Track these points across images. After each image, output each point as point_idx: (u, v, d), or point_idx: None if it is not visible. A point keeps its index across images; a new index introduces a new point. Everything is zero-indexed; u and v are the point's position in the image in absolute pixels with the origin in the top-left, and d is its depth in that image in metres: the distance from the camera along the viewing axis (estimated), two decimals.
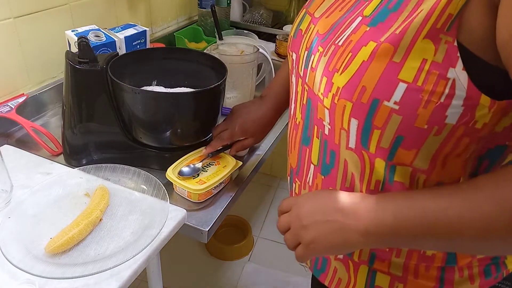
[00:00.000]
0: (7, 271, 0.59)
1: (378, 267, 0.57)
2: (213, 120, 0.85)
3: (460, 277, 0.55)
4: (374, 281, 0.58)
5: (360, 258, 0.58)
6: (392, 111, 0.44)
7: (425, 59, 0.41)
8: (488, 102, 0.41)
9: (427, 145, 0.45)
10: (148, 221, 0.69)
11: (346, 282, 0.61)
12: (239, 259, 1.73)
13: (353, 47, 0.46)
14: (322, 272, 0.65)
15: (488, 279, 0.57)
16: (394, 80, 0.43)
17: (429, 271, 0.55)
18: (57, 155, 0.87)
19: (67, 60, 0.76)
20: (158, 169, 0.84)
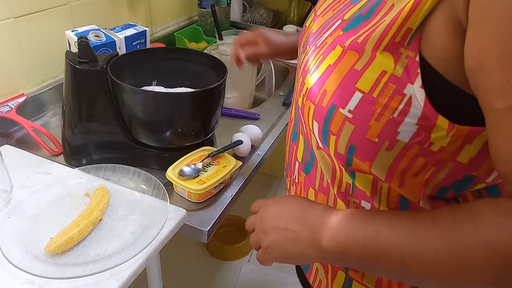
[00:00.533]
0: (7, 271, 0.59)
1: (353, 276, 0.55)
2: (213, 120, 0.85)
3: None
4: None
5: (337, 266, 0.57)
6: (346, 118, 0.43)
7: (385, 71, 0.40)
8: (446, 125, 0.39)
9: (380, 159, 0.44)
10: (148, 221, 0.69)
11: (325, 285, 0.61)
12: (239, 259, 1.72)
13: (325, 50, 0.46)
14: (307, 270, 0.65)
15: None
16: (352, 88, 0.42)
17: (403, 286, 0.52)
18: (57, 155, 0.87)
19: (67, 60, 0.76)
20: (158, 169, 0.84)
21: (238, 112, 1.08)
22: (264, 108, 1.13)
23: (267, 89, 1.23)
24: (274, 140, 0.99)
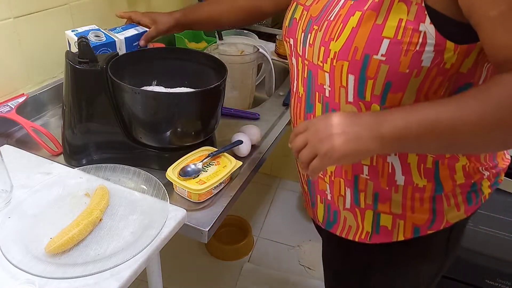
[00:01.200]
0: (7, 271, 0.59)
1: (382, 209, 0.68)
2: (213, 120, 0.85)
3: (448, 206, 0.67)
4: (379, 222, 0.69)
5: (366, 203, 0.68)
6: (380, 62, 0.55)
7: (401, 18, 0.53)
8: (453, 46, 0.53)
9: (410, 87, 0.57)
10: (148, 221, 0.69)
11: (355, 228, 0.72)
12: (239, 259, 1.72)
13: (343, 18, 0.58)
14: (334, 223, 0.75)
15: (470, 205, 0.68)
16: (379, 38, 0.55)
17: (423, 205, 0.66)
18: (57, 155, 0.87)
19: (67, 60, 0.76)
20: (158, 169, 0.84)
21: (238, 112, 1.08)
22: (264, 108, 1.13)
23: (267, 89, 1.23)
24: (274, 140, 0.99)
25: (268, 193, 2.12)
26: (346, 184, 0.69)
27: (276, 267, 1.70)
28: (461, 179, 0.66)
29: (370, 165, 0.65)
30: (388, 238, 0.70)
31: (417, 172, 0.64)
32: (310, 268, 1.70)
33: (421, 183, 0.65)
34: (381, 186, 0.66)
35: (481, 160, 0.66)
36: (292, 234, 1.86)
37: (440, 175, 0.64)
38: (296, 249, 1.79)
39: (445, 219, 0.68)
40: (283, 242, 1.83)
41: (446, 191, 0.66)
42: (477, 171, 0.67)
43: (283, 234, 1.86)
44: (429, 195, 0.66)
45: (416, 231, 0.68)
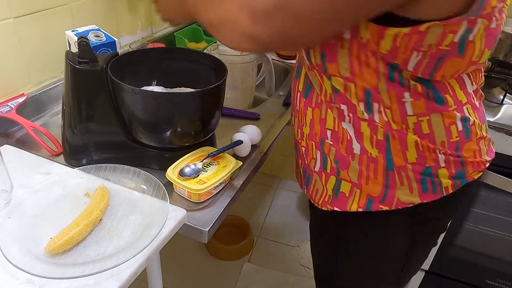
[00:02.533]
0: (7, 271, 0.59)
1: (343, 176, 0.72)
2: (213, 120, 0.85)
3: (400, 184, 0.69)
4: (340, 188, 0.74)
5: (331, 167, 0.73)
6: None
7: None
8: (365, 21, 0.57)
9: (341, 57, 0.63)
10: (148, 221, 0.69)
11: (321, 191, 0.78)
12: (239, 259, 1.73)
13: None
14: (307, 186, 0.83)
15: (426, 192, 0.69)
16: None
17: (377, 177, 0.69)
18: (57, 155, 0.87)
19: (67, 60, 0.76)
20: (158, 169, 0.84)
21: (238, 112, 1.08)
22: (264, 108, 1.13)
23: (267, 89, 1.23)
24: (274, 140, 0.99)
25: (268, 193, 2.12)
26: (317, 147, 0.75)
27: (276, 267, 1.70)
28: (413, 158, 0.66)
29: (333, 130, 0.70)
30: (343, 204, 0.74)
31: (369, 142, 0.67)
32: (310, 268, 1.71)
33: (374, 153, 0.67)
34: (341, 153, 0.70)
35: (436, 141, 0.65)
36: (292, 234, 1.86)
37: (392, 149, 0.66)
38: (296, 249, 1.80)
39: (396, 197, 0.69)
40: (283, 242, 1.83)
41: (396, 166, 0.67)
42: (432, 152, 0.66)
43: (283, 234, 1.86)
44: (382, 168, 0.68)
45: (369, 202, 0.71)
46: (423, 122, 0.64)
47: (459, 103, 0.64)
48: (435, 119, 0.64)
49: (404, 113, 0.64)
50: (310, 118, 0.74)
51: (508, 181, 1.16)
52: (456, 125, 0.65)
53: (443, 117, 0.64)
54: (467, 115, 0.66)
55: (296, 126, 0.80)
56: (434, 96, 0.62)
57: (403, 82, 0.61)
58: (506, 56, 1.37)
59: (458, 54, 0.58)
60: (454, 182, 0.69)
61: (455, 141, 0.66)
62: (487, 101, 1.10)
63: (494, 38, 0.60)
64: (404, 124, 0.64)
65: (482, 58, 0.61)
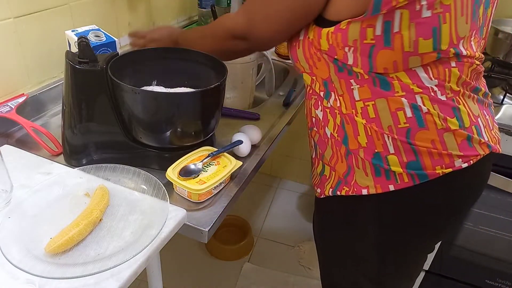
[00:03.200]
0: (7, 271, 0.59)
1: (325, 161, 0.81)
2: (213, 120, 0.85)
3: (357, 167, 0.74)
4: (324, 171, 0.83)
5: (318, 153, 0.83)
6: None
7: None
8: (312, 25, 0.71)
9: (300, 56, 0.75)
10: (148, 221, 0.69)
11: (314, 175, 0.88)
12: (239, 259, 1.73)
13: None
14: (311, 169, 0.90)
15: (379, 177, 0.71)
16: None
17: (342, 160, 0.76)
18: (57, 155, 0.87)
19: (67, 60, 0.76)
20: (158, 169, 0.84)
21: (238, 112, 1.08)
22: (264, 108, 1.13)
23: (267, 89, 1.23)
24: (274, 140, 0.99)
25: (268, 193, 2.12)
26: (309, 135, 0.85)
27: (276, 267, 1.70)
28: (363, 142, 0.71)
29: (315, 117, 0.79)
30: (323, 186, 0.83)
31: (332, 127, 0.75)
32: (310, 268, 1.71)
33: (336, 136, 0.74)
34: (321, 138, 0.79)
35: (383, 126, 0.68)
36: (292, 234, 1.86)
37: (347, 133, 0.72)
38: (296, 249, 1.80)
39: (354, 179, 0.75)
40: (283, 242, 1.83)
41: (351, 149, 0.73)
42: (380, 137, 0.69)
43: (283, 234, 1.86)
44: (344, 150, 0.74)
45: (338, 183, 0.78)
46: (369, 106, 0.68)
47: (409, 90, 0.66)
48: (380, 104, 0.67)
49: (353, 99, 0.69)
50: (305, 110, 0.85)
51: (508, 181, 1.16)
52: (404, 111, 0.66)
53: (388, 102, 0.67)
54: (419, 104, 0.66)
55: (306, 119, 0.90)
56: (380, 82, 0.66)
57: (351, 71, 0.68)
58: (506, 56, 1.37)
59: (384, 45, 0.63)
60: (409, 173, 0.69)
61: (404, 127, 0.67)
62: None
63: (430, 26, 0.61)
64: (354, 109, 0.70)
65: (420, 48, 0.62)
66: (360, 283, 0.85)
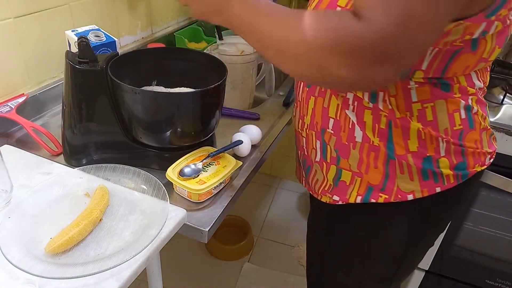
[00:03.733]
0: (7, 271, 0.59)
1: (343, 165, 0.73)
2: (213, 120, 0.85)
3: (401, 173, 0.68)
4: (340, 177, 0.74)
5: (331, 157, 0.74)
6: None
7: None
8: None
9: None
10: (148, 221, 0.69)
11: (321, 181, 0.79)
12: (239, 259, 1.73)
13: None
14: (306, 177, 0.84)
15: (426, 180, 0.68)
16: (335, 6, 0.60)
17: (377, 165, 0.69)
18: (57, 155, 0.87)
19: (67, 60, 0.76)
20: (158, 169, 0.84)
21: (238, 112, 1.08)
22: (264, 108, 1.13)
23: (267, 89, 1.23)
24: (274, 140, 0.99)
25: (268, 193, 2.12)
26: (317, 136, 0.75)
27: (276, 267, 1.70)
28: (414, 147, 0.66)
29: (335, 118, 0.70)
30: (344, 193, 0.75)
31: (371, 131, 0.67)
32: None
33: (376, 141, 0.68)
34: (342, 141, 0.71)
35: (439, 128, 0.65)
36: (292, 234, 1.86)
37: (393, 137, 0.66)
38: (296, 249, 1.80)
39: (396, 185, 0.69)
40: (283, 242, 1.83)
41: (398, 154, 0.67)
42: (434, 140, 0.66)
43: (283, 234, 1.86)
44: (383, 156, 0.68)
45: (369, 190, 0.71)
46: (428, 108, 0.63)
47: (465, 92, 0.64)
48: (439, 106, 0.64)
49: (409, 100, 0.63)
50: (312, 108, 0.74)
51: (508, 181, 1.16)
52: (459, 112, 0.65)
53: (447, 103, 0.64)
54: (470, 104, 0.66)
55: (297, 117, 0.81)
56: (440, 82, 0.62)
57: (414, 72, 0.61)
58: (506, 56, 1.37)
59: (471, 49, 0.59)
60: (456, 174, 0.68)
61: (459, 129, 0.66)
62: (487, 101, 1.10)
63: (505, 36, 0.61)
64: (409, 112, 0.64)
65: (492, 55, 0.62)
66: (365, 282, 0.85)
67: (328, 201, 0.78)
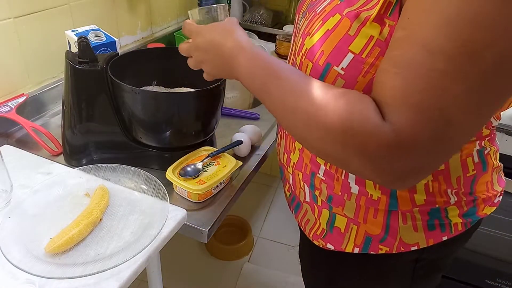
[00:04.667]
0: (7, 271, 0.59)
1: (336, 211, 0.64)
2: (213, 120, 0.85)
3: (404, 224, 0.61)
4: (334, 222, 0.66)
5: (322, 201, 0.65)
6: (338, 75, 0.51)
7: (372, 36, 0.48)
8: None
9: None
10: (148, 221, 0.69)
11: (313, 223, 0.70)
12: (239, 259, 1.72)
13: (324, 16, 0.53)
14: (295, 212, 0.75)
15: (432, 231, 0.61)
16: (345, 50, 0.50)
17: (377, 217, 0.61)
18: (57, 155, 0.87)
19: (67, 60, 0.76)
20: (158, 169, 0.84)
21: (238, 112, 1.08)
22: (264, 108, 1.13)
23: None
24: (274, 140, 0.99)
25: (268, 193, 2.12)
26: (304, 179, 0.67)
27: (276, 267, 1.70)
28: (421, 200, 0.59)
29: (325, 168, 0.62)
30: (339, 241, 0.66)
31: (372, 184, 0.59)
32: None
33: (376, 194, 0.60)
34: (334, 191, 0.62)
35: (452, 181, 0.58)
36: (292, 234, 1.86)
37: (397, 191, 0.59)
38: (296, 249, 1.79)
39: (398, 237, 0.62)
40: (283, 242, 1.83)
41: (401, 208, 0.60)
42: (444, 194, 0.59)
43: (283, 234, 1.86)
44: (384, 208, 0.60)
45: (368, 240, 0.63)
46: None
47: (480, 134, 0.59)
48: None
49: None
50: (299, 148, 0.66)
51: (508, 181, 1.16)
52: (472, 157, 0.59)
53: (461, 149, 0.57)
54: (484, 145, 0.60)
55: (282, 150, 0.72)
56: None
57: None
58: None
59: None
60: (465, 221, 0.63)
61: (471, 175, 0.60)
62: None
63: None
64: None
65: None
66: None
67: (321, 246, 0.70)
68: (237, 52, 0.56)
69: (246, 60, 0.55)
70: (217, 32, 0.60)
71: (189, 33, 0.64)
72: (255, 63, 0.54)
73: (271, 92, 0.51)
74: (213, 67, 0.62)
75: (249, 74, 0.55)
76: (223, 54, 0.58)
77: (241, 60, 0.55)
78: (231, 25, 0.60)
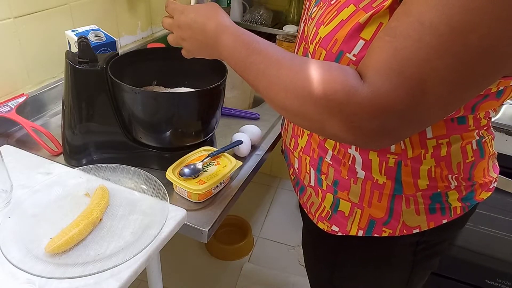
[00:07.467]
0: (7, 271, 0.59)
1: (341, 196, 0.67)
2: (213, 120, 0.85)
3: (406, 207, 0.64)
4: (338, 206, 0.68)
5: (327, 185, 0.68)
6: (350, 61, 0.53)
7: (382, 22, 0.50)
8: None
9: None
10: (148, 221, 0.69)
11: (318, 205, 0.72)
12: (239, 259, 1.73)
13: (339, 7, 0.55)
14: (300, 194, 0.77)
15: (433, 214, 0.65)
16: (357, 37, 0.52)
17: (381, 201, 0.64)
18: (57, 155, 0.87)
19: (67, 60, 0.76)
20: (158, 169, 0.84)
21: (238, 112, 1.08)
22: (264, 108, 1.13)
23: None
24: (274, 140, 0.99)
25: (268, 193, 2.12)
26: (311, 163, 0.69)
27: (276, 267, 1.70)
28: (424, 185, 0.62)
29: (333, 153, 0.65)
30: (342, 224, 0.69)
31: (378, 169, 0.62)
32: None
33: (381, 179, 0.63)
34: (341, 175, 0.65)
35: (453, 167, 0.62)
36: (292, 234, 1.86)
37: (402, 177, 0.62)
38: (296, 249, 1.79)
39: (401, 220, 0.65)
40: (283, 242, 1.83)
41: (406, 193, 0.63)
42: (445, 179, 0.62)
43: (283, 234, 1.86)
44: (389, 192, 0.63)
45: (371, 223, 0.66)
46: (443, 145, 0.60)
47: (479, 123, 0.61)
48: (454, 141, 0.60)
49: (424, 137, 0.59)
50: (308, 133, 0.68)
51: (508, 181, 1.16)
52: (471, 144, 0.62)
53: (462, 137, 0.60)
54: (482, 134, 0.63)
55: (290, 134, 0.74)
56: (457, 117, 0.59)
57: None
58: None
59: (496, 97, 0.56)
60: (464, 205, 0.66)
61: (470, 161, 0.63)
62: None
63: None
64: (424, 149, 0.60)
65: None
66: None
67: (326, 230, 0.72)
68: (221, 30, 0.59)
69: (229, 38, 0.58)
70: (201, 12, 0.62)
71: (172, 11, 0.66)
72: (238, 40, 0.56)
73: (253, 67, 0.54)
74: (194, 45, 0.64)
75: (232, 50, 0.57)
76: (206, 32, 0.60)
77: (224, 38, 0.58)
78: (215, 7, 0.63)
